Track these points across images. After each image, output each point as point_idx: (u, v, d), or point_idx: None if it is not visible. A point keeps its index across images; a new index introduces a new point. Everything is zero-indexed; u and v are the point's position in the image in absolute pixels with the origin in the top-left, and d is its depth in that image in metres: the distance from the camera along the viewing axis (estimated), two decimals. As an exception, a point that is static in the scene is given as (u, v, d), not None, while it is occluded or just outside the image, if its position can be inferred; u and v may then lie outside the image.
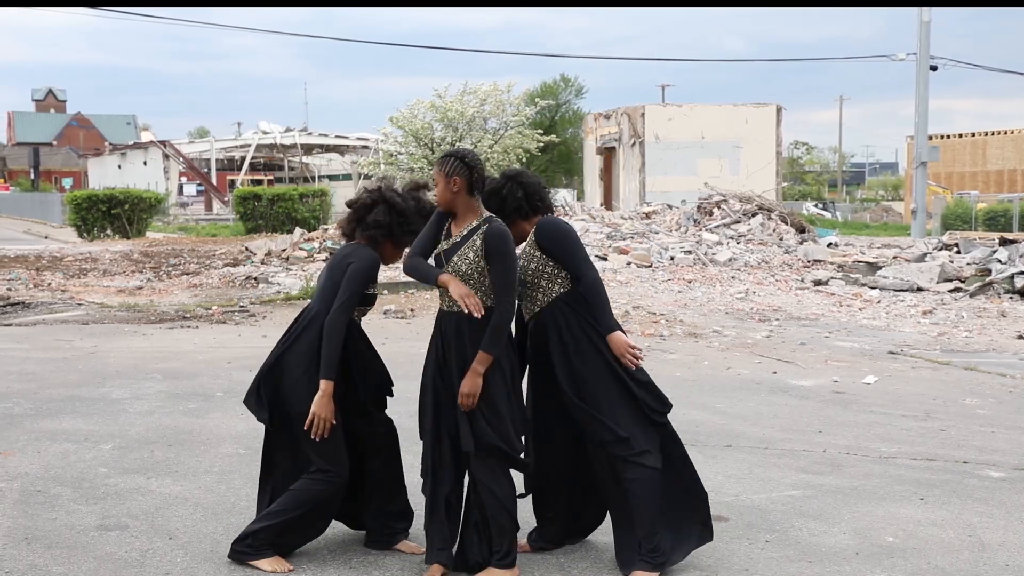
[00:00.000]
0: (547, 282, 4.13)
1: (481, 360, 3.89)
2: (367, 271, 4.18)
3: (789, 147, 70.79)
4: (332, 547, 4.38)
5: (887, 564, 4.27)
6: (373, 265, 4.22)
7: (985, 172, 44.04)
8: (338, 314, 4.10)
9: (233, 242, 24.22)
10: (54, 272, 17.35)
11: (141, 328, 11.02)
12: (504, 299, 3.94)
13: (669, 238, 19.50)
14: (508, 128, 28.95)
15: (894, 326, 11.67)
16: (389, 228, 4.29)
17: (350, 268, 4.17)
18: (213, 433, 6.30)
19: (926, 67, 27.17)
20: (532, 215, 4.24)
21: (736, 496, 5.16)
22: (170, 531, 4.55)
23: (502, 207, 4.20)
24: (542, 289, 4.13)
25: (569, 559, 4.28)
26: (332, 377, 4.05)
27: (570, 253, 4.10)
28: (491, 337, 3.90)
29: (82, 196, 30.28)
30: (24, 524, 4.62)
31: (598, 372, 4.05)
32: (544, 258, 4.12)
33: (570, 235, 4.14)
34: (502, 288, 3.94)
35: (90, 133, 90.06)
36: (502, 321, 3.92)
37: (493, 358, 3.91)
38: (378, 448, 4.34)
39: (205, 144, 62.82)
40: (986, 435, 6.57)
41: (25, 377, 8.06)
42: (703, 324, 11.42)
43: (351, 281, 4.14)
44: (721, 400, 7.53)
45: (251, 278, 15.63)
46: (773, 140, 34.10)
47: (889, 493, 5.26)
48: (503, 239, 3.96)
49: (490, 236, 3.96)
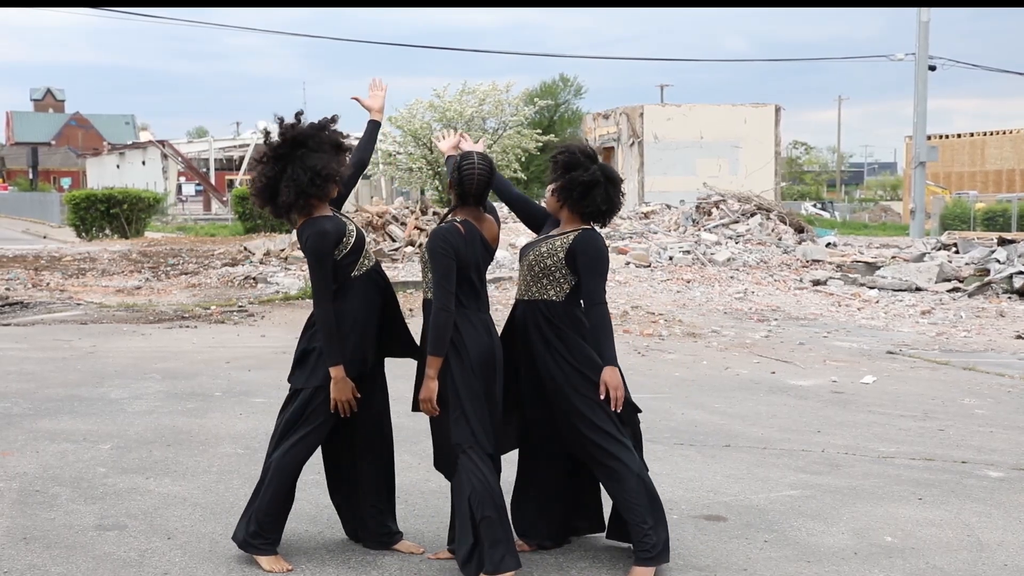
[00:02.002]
0: (547, 281, 4.13)
1: (431, 364, 4.02)
2: (316, 247, 4.06)
3: (788, 147, 70.83)
4: (331, 547, 4.38)
5: (886, 564, 4.28)
6: (319, 235, 4.06)
7: (984, 172, 44.06)
8: (318, 302, 4.07)
9: (232, 242, 24.22)
10: (53, 272, 17.34)
11: (140, 328, 11.02)
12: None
13: (668, 238, 19.51)
14: (507, 128, 28.92)
15: (893, 326, 11.68)
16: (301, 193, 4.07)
17: (306, 252, 4.11)
18: (212, 433, 6.30)
19: (925, 67, 27.17)
20: (581, 220, 4.21)
21: (734, 496, 5.16)
22: (169, 531, 4.55)
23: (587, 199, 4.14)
24: (538, 284, 4.14)
25: (568, 558, 4.28)
26: (339, 361, 4.04)
27: (598, 276, 4.08)
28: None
29: (81, 196, 30.27)
30: (23, 524, 4.62)
31: (569, 379, 4.07)
32: (565, 263, 4.11)
33: (605, 260, 4.14)
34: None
35: (89, 133, 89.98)
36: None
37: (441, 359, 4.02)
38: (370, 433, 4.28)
39: (204, 144, 62.75)
40: (984, 435, 6.57)
41: (24, 377, 8.05)
42: (702, 324, 11.42)
43: (311, 265, 4.09)
44: (720, 400, 7.54)
45: (250, 278, 15.63)
46: (772, 140, 34.13)
47: (888, 493, 5.26)
48: (432, 237, 4.01)
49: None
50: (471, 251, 4.00)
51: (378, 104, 4.64)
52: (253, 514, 4.17)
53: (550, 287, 4.12)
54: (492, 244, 4.13)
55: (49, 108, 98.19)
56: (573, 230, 4.16)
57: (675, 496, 5.11)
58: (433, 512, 4.80)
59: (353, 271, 4.15)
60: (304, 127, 4.16)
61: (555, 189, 4.20)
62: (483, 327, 4.02)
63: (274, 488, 4.14)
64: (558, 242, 4.13)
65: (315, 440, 4.16)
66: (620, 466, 4.04)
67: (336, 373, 4.05)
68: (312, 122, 4.21)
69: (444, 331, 3.91)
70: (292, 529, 4.37)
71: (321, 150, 4.12)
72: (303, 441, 4.14)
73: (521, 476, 4.37)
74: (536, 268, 4.12)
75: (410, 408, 4.18)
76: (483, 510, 3.89)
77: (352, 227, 4.19)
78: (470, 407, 3.94)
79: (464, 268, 3.97)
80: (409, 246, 18.16)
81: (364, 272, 4.18)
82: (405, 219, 19.64)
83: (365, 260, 4.19)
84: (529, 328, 4.12)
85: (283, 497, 4.17)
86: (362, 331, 4.14)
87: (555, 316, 4.09)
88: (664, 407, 7.20)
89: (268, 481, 4.16)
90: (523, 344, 4.15)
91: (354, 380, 4.10)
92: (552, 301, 4.11)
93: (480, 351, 3.97)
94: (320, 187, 4.09)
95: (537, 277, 4.13)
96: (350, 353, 4.09)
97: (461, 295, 3.98)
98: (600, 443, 4.04)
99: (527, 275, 4.16)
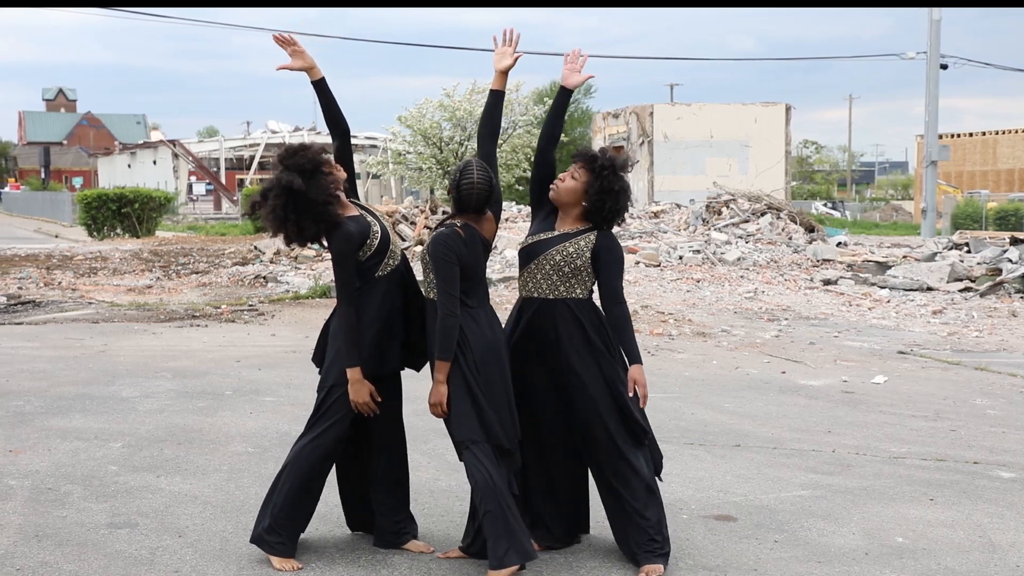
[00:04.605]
0: (575, 280, 4.17)
1: (439, 368, 4.02)
2: (341, 249, 4.09)
3: (798, 146, 70.54)
4: (341, 546, 4.39)
5: (897, 565, 4.26)
6: (344, 238, 4.07)
7: (996, 171, 43.86)
8: (340, 302, 4.11)
9: (242, 241, 24.28)
10: (64, 271, 17.42)
11: (151, 327, 11.06)
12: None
13: (678, 237, 19.48)
14: (516, 127, 28.94)
15: (904, 326, 11.64)
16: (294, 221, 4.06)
17: (331, 253, 4.16)
18: (222, 431, 6.32)
19: (936, 66, 27.07)
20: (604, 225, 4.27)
21: (745, 496, 5.15)
22: (179, 529, 4.56)
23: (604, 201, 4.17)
24: (567, 284, 4.17)
25: (577, 558, 4.28)
26: (357, 363, 4.06)
27: (619, 276, 4.21)
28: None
29: (92, 195, 30.39)
30: (34, 522, 4.64)
31: (595, 379, 4.12)
32: (591, 262, 4.17)
33: (623, 260, 4.28)
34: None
35: (100, 132, 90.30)
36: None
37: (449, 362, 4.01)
38: (384, 430, 4.30)
39: (214, 143, 62.89)
40: (997, 435, 6.54)
41: (36, 375, 8.09)
42: (712, 323, 11.40)
43: (335, 265, 4.12)
44: (730, 400, 7.52)
45: (260, 277, 15.67)
46: (782, 139, 34.02)
47: (899, 493, 5.24)
48: (434, 243, 4.03)
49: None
50: (472, 253, 4.05)
51: (301, 62, 4.33)
52: (270, 511, 4.19)
53: (577, 286, 4.18)
54: (489, 241, 4.20)
55: (61, 108, 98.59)
56: (587, 229, 4.20)
57: (685, 496, 5.10)
58: (443, 511, 4.80)
59: (377, 271, 4.15)
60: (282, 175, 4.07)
61: (591, 192, 4.16)
62: (485, 321, 4.07)
63: (289, 485, 4.16)
64: (582, 242, 4.17)
65: (328, 440, 4.15)
66: (634, 469, 4.10)
67: (353, 375, 4.06)
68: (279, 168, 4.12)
69: (451, 336, 3.95)
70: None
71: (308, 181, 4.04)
72: (316, 440, 4.15)
73: (531, 476, 4.36)
74: (566, 268, 4.16)
75: (418, 407, 4.19)
76: (485, 504, 3.92)
77: (377, 227, 4.18)
78: (473, 403, 3.96)
79: (466, 270, 4.02)
80: (419, 245, 18.19)
81: (388, 272, 4.18)
82: (415, 218, 19.68)
83: (390, 260, 4.18)
84: (559, 326, 4.14)
85: (298, 495, 4.16)
86: (379, 330, 4.13)
87: (583, 312, 4.18)
88: (674, 407, 7.19)
89: (284, 479, 4.18)
90: (551, 342, 4.15)
91: (372, 380, 4.11)
92: (580, 299, 4.19)
93: (483, 346, 4.01)
94: (326, 212, 4.06)
95: (566, 277, 4.17)
96: (366, 353, 4.09)
97: (462, 294, 4.01)
98: (621, 446, 4.09)
99: (553, 275, 4.17)
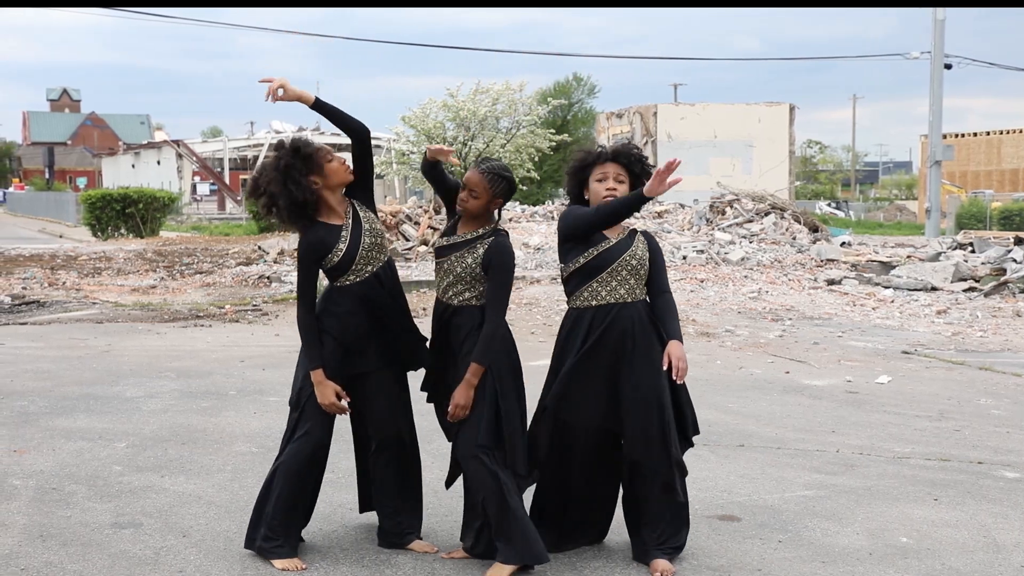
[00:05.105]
0: (635, 281, 4.18)
1: (474, 372, 3.99)
2: (301, 255, 4.13)
3: (802, 146, 70.57)
4: (345, 546, 4.39)
5: (901, 565, 4.26)
6: (304, 245, 4.10)
7: (1000, 171, 43.80)
8: (298, 304, 4.14)
9: (246, 241, 24.30)
10: (68, 271, 17.45)
11: (155, 327, 11.07)
12: (495, 312, 4.04)
13: (681, 237, 19.47)
14: (520, 127, 28.89)
15: (908, 326, 11.62)
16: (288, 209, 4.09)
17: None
18: (226, 431, 6.33)
19: (940, 65, 27.05)
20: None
21: (749, 496, 5.15)
22: (184, 529, 4.57)
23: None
24: (641, 287, 4.20)
25: (582, 559, 4.28)
26: (318, 365, 4.07)
27: (663, 269, 4.27)
28: (481, 348, 4.00)
29: (96, 195, 30.44)
30: (39, 521, 4.65)
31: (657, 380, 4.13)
32: (648, 262, 4.22)
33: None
34: (495, 302, 4.05)
35: (104, 133, 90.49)
36: (492, 332, 4.01)
37: (485, 368, 4.00)
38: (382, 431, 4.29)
39: (218, 143, 63.00)
40: (1001, 435, 6.53)
41: (40, 375, 8.10)
42: (716, 323, 11.40)
43: (298, 271, 4.16)
44: (734, 400, 7.52)
45: (264, 277, 15.69)
46: (786, 139, 34.03)
47: (903, 493, 5.23)
48: (506, 254, 4.07)
49: (493, 249, 4.07)
50: None
51: (294, 93, 4.11)
52: (264, 518, 4.19)
53: (637, 287, 4.20)
54: None
55: (65, 108, 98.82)
56: (632, 231, 4.25)
57: (689, 496, 5.08)
58: (447, 511, 4.80)
59: (344, 279, 4.15)
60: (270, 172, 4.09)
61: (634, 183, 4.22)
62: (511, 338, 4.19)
63: (280, 489, 4.17)
64: (639, 245, 4.21)
65: (309, 441, 4.14)
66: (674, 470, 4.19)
67: (315, 376, 4.08)
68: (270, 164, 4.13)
69: (498, 345, 4.03)
70: (306, 528, 4.38)
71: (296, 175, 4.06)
72: (297, 442, 4.17)
73: (543, 481, 4.34)
74: (641, 271, 4.18)
75: (419, 407, 4.22)
76: (489, 507, 3.99)
77: (344, 245, 4.10)
78: (496, 415, 4.01)
79: None
80: (423, 245, 18.18)
81: (363, 278, 4.15)
82: (418, 218, 19.69)
83: (368, 266, 4.16)
84: (636, 327, 4.13)
85: (291, 497, 4.16)
86: (349, 330, 4.12)
87: (648, 313, 4.20)
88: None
89: (275, 482, 4.19)
90: (625, 345, 4.12)
91: (340, 383, 4.11)
92: (646, 301, 4.23)
93: (512, 363, 4.11)
94: (295, 212, 4.08)
95: (641, 280, 4.19)
96: (328, 356, 4.10)
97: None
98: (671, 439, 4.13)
99: (629, 279, 4.16)
